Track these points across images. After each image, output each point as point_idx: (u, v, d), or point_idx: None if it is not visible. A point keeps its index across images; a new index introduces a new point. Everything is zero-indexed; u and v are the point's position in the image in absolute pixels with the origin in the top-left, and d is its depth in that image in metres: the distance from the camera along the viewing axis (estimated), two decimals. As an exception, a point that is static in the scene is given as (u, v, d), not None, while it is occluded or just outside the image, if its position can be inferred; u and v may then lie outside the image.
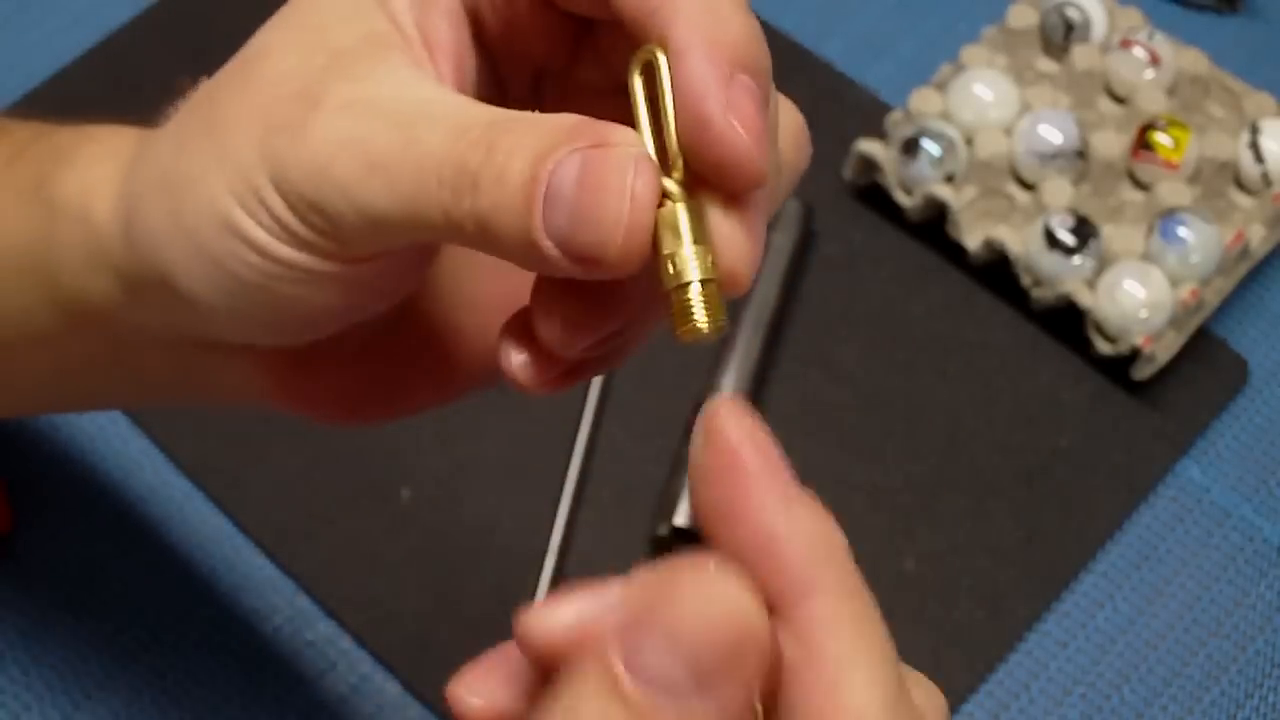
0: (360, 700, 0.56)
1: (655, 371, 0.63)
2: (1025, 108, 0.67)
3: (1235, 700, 0.57)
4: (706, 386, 0.62)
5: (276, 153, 0.29)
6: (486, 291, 0.36)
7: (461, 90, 0.31)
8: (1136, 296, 0.61)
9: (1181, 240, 0.62)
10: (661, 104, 0.28)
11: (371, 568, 0.59)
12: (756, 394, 0.62)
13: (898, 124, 0.67)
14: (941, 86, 0.68)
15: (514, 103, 0.33)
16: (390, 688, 0.56)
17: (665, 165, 0.28)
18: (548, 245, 0.27)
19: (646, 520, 0.60)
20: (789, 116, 0.33)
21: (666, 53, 0.28)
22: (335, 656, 0.58)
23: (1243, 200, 0.66)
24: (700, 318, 0.28)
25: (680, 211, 0.27)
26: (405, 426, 0.62)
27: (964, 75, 0.67)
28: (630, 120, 0.28)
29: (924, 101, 0.67)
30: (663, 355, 0.64)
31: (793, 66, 0.72)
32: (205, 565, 0.59)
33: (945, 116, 0.67)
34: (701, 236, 0.27)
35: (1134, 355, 0.62)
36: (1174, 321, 0.62)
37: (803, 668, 0.26)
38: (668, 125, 0.28)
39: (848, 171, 0.68)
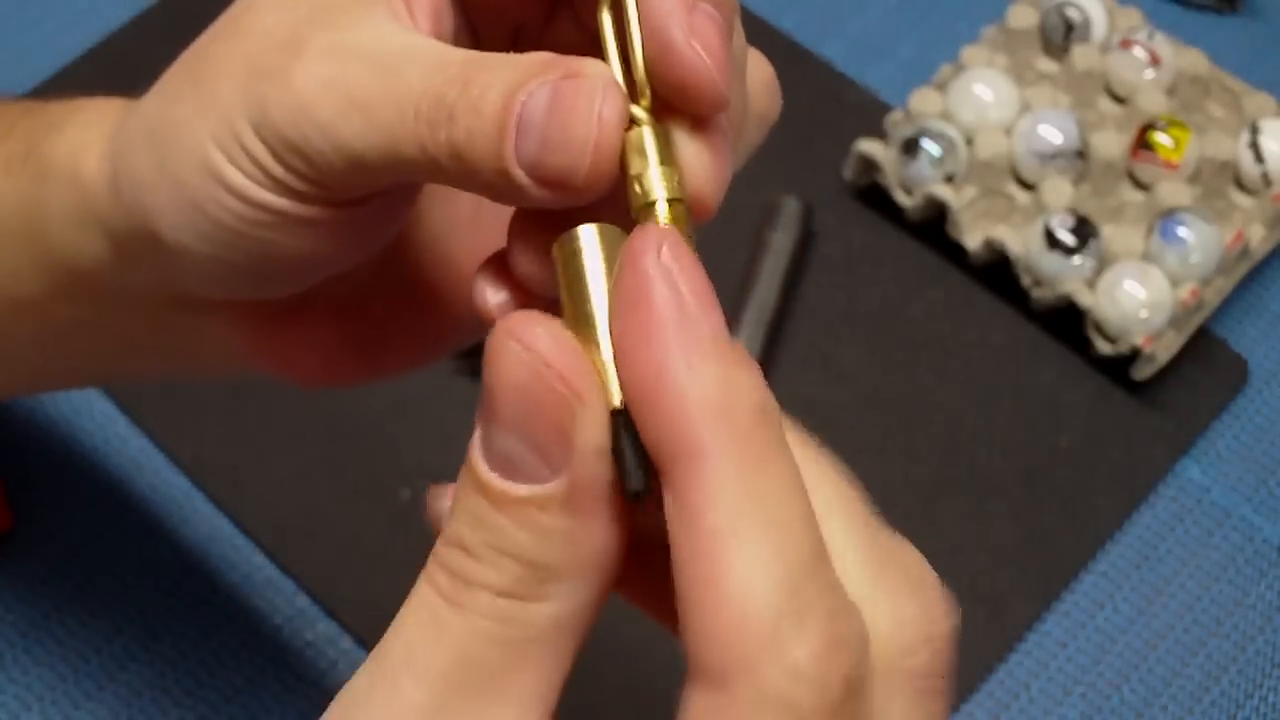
0: (360, 700, 0.56)
1: (655, 371, 0.63)
2: (1025, 108, 0.67)
3: (1235, 700, 0.57)
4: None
5: (259, 97, 0.30)
6: (462, 248, 0.37)
7: (431, 33, 0.31)
8: (1136, 296, 0.61)
9: (1181, 240, 0.62)
10: (628, 32, 0.29)
11: (371, 568, 0.59)
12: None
13: (898, 124, 0.67)
14: (941, 86, 0.68)
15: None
16: (390, 688, 0.56)
17: (634, 93, 0.29)
18: (518, 173, 0.27)
19: (646, 520, 0.60)
20: (758, 66, 0.33)
21: None
22: (335, 656, 0.58)
23: (1243, 200, 0.66)
24: None
25: (647, 134, 0.28)
26: (406, 427, 0.62)
27: (964, 75, 0.67)
28: (602, 58, 0.29)
29: (924, 101, 0.67)
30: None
31: (793, 66, 0.72)
32: (205, 565, 0.59)
33: (945, 116, 0.67)
34: (669, 159, 0.28)
35: (1134, 355, 0.62)
36: (1174, 321, 0.62)
37: (682, 541, 0.25)
38: (634, 53, 0.29)
39: (848, 171, 0.68)
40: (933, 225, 0.66)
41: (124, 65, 0.72)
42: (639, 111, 0.28)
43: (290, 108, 0.29)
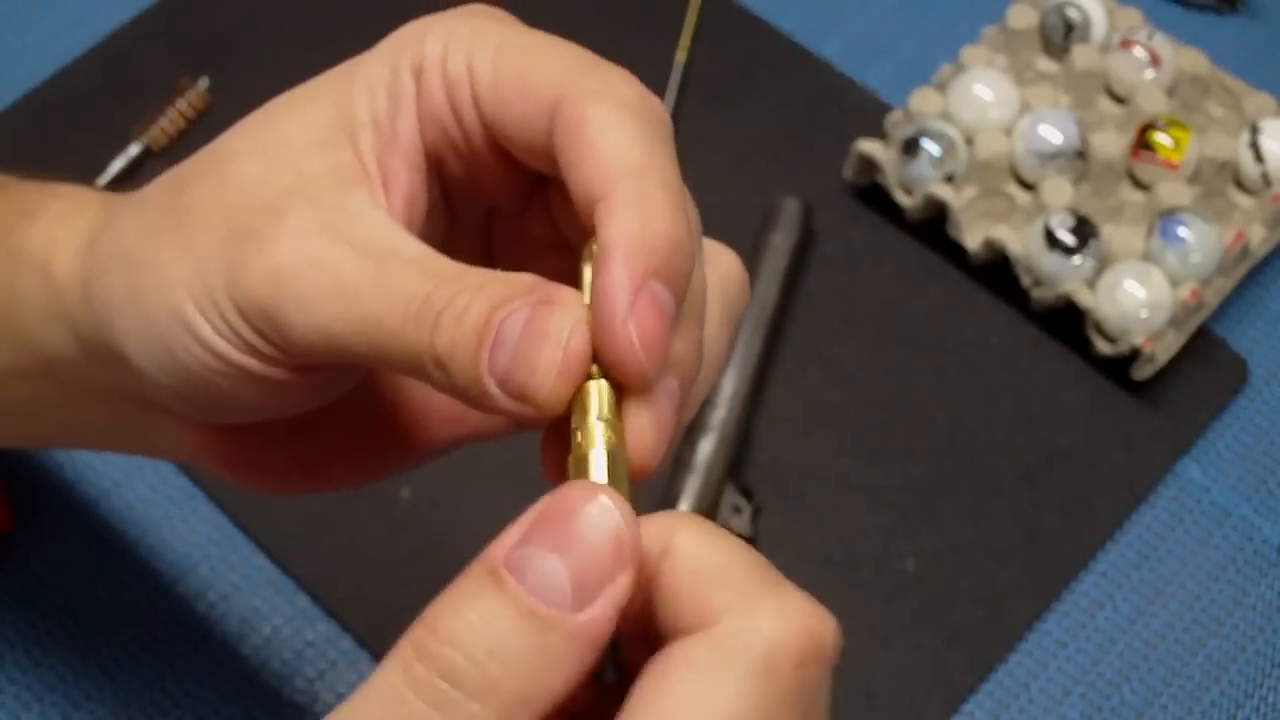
0: (360, 700, 0.56)
1: (655, 371, 0.63)
2: (1025, 108, 0.67)
3: (1235, 700, 0.57)
4: (706, 386, 0.62)
5: (238, 260, 0.31)
6: (416, 389, 0.38)
7: (408, 227, 0.33)
8: (1136, 296, 0.61)
9: (1181, 240, 0.62)
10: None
11: (371, 568, 0.59)
12: (756, 394, 0.62)
13: (898, 124, 0.67)
14: (941, 86, 0.68)
15: (463, 236, 0.36)
16: (390, 688, 0.56)
17: None
18: (489, 382, 0.29)
19: (646, 520, 0.60)
20: (727, 264, 0.35)
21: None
22: (335, 656, 0.58)
23: (1243, 200, 0.66)
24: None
25: (592, 389, 0.30)
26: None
27: (964, 75, 0.67)
28: (573, 278, 0.31)
29: (924, 101, 0.67)
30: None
31: (793, 66, 0.72)
32: (205, 565, 0.59)
33: (945, 116, 0.67)
34: (615, 416, 0.30)
35: (1134, 355, 0.62)
36: (1174, 321, 0.62)
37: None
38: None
39: (848, 171, 0.68)
40: (933, 225, 0.66)
41: (124, 65, 0.72)
42: (594, 366, 0.30)
43: (271, 279, 0.31)
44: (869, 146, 0.66)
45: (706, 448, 0.60)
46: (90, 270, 0.34)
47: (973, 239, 0.65)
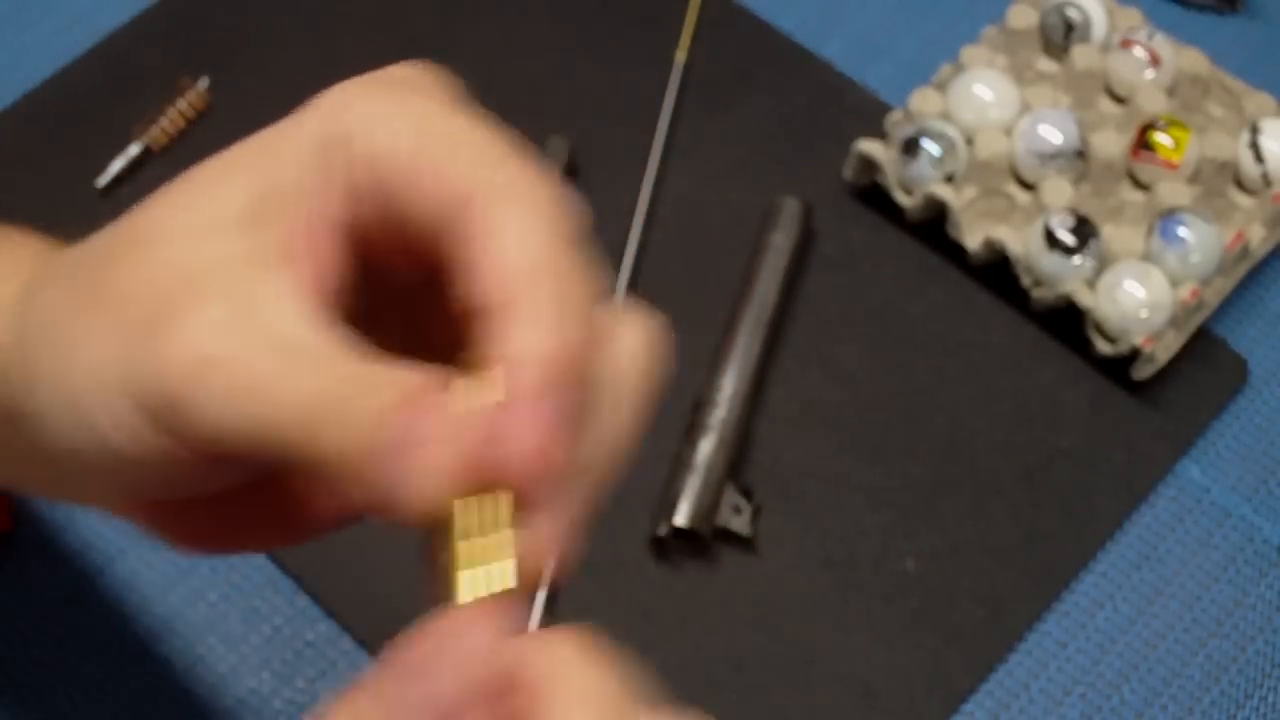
0: (360, 700, 0.56)
1: (655, 371, 0.63)
2: (1025, 108, 0.67)
3: (1235, 700, 0.57)
4: (707, 386, 0.62)
5: (151, 348, 0.31)
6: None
7: (328, 303, 0.33)
8: (1136, 296, 0.61)
9: (1181, 240, 0.62)
10: None
11: (371, 568, 0.59)
12: (756, 394, 0.62)
13: (898, 124, 0.67)
14: (941, 86, 0.68)
15: (388, 306, 0.35)
16: (390, 688, 0.56)
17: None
18: (375, 488, 0.30)
19: (646, 520, 0.60)
20: (635, 343, 0.34)
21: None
22: (335, 656, 0.58)
23: (1243, 200, 0.66)
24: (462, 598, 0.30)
25: (473, 505, 0.30)
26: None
27: (964, 75, 0.67)
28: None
29: (924, 101, 0.67)
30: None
31: (793, 66, 0.72)
32: (205, 565, 0.59)
33: (945, 116, 0.67)
34: (507, 522, 0.30)
35: (1134, 355, 0.62)
36: (1174, 321, 0.62)
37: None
38: None
39: (848, 171, 0.68)
40: (933, 225, 0.66)
41: (124, 65, 0.73)
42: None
43: (179, 373, 0.31)
44: (869, 146, 0.66)
45: (706, 448, 0.60)
46: (21, 340, 0.35)
47: (973, 239, 0.65)
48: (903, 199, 0.66)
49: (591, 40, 0.74)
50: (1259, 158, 0.65)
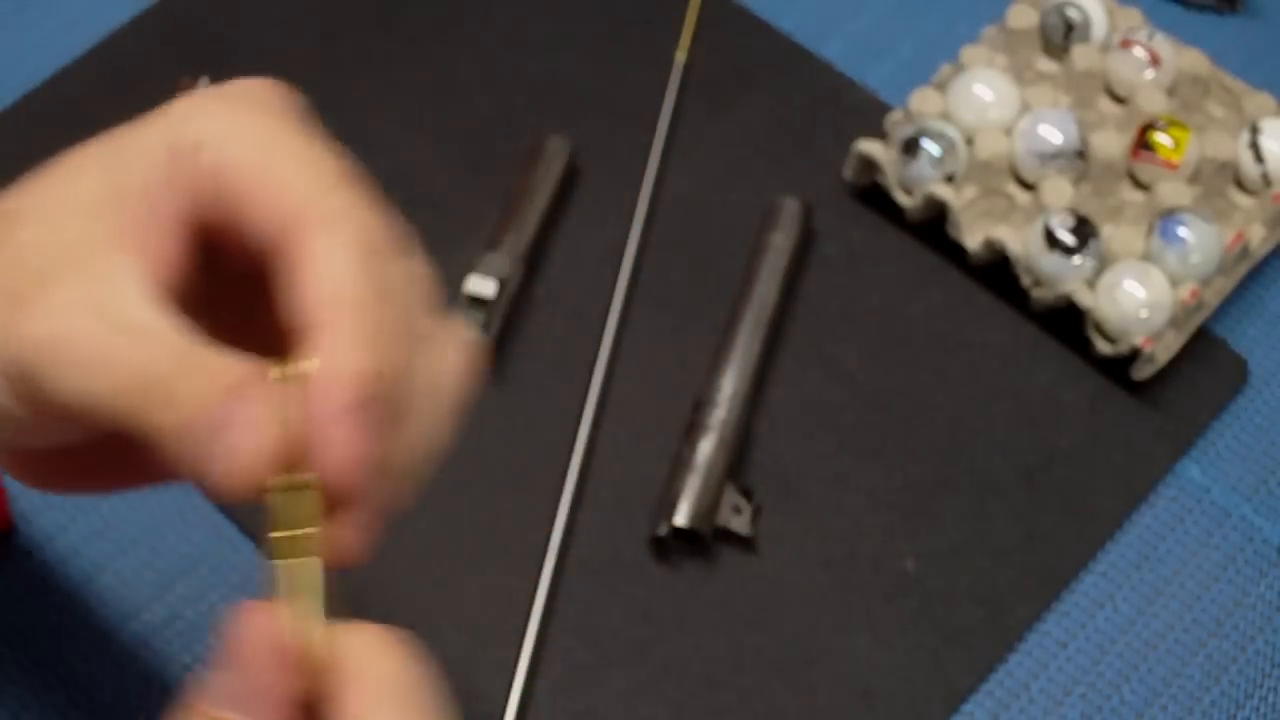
0: (360, 700, 0.56)
1: (655, 371, 0.63)
2: (1025, 108, 0.67)
3: (1235, 700, 0.57)
4: (707, 386, 0.62)
5: (9, 322, 0.35)
6: None
7: (168, 290, 0.35)
8: (1136, 296, 0.61)
9: (1181, 240, 0.62)
10: None
11: (371, 567, 0.59)
12: (756, 394, 0.62)
13: (898, 124, 0.67)
14: (941, 86, 0.68)
15: (227, 296, 0.38)
16: (390, 688, 0.56)
17: None
18: (197, 465, 0.33)
19: (646, 520, 0.60)
20: (450, 360, 0.37)
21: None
22: (335, 656, 0.58)
23: (1243, 200, 0.66)
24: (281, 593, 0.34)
25: (281, 501, 0.33)
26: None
27: (964, 75, 0.67)
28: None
29: (924, 101, 0.67)
30: (662, 355, 0.64)
31: (793, 66, 0.72)
32: (205, 565, 0.59)
33: (945, 116, 0.67)
34: (317, 514, 0.33)
35: (1134, 355, 0.62)
36: (1174, 321, 0.62)
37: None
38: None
39: (848, 171, 0.68)
40: (933, 225, 0.66)
41: (124, 65, 0.72)
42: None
43: (32, 346, 0.34)
44: (869, 146, 0.66)
45: (706, 448, 0.60)
46: None
47: (973, 239, 0.65)
48: (903, 199, 0.66)
49: (591, 40, 0.74)
50: (1259, 158, 0.65)
